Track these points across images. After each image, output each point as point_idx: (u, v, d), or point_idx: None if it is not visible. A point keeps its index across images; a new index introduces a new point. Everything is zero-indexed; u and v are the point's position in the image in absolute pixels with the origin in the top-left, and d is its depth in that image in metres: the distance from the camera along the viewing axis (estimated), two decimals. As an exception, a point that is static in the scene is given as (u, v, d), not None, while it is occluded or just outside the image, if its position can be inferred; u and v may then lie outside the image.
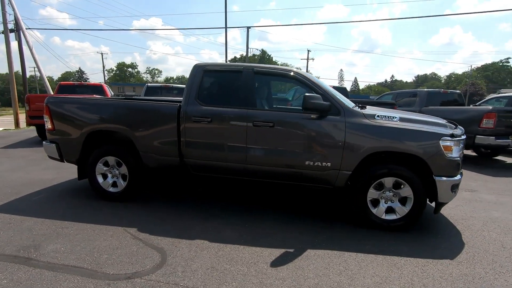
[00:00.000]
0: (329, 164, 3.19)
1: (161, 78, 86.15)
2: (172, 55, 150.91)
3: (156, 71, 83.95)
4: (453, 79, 75.67)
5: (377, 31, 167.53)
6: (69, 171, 5.20)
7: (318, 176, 3.26)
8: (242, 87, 3.42)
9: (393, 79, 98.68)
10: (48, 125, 3.87)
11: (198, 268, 2.40)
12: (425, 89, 8.54)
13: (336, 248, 2.79)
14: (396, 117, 3.19)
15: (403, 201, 3.17)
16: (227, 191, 4.37)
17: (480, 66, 76.47)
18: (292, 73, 3.43)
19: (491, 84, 66.41)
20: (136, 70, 76.76)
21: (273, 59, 73.75)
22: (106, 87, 10.09)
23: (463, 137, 3.23)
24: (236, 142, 3.37)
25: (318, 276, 2.35)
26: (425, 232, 3.22)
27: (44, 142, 4.03)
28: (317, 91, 3.27)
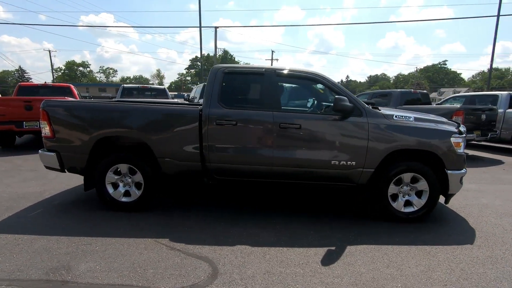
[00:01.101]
0: (353, 163, 3.33)
1: (116, 78, 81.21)
2: (127, 54, 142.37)
3: (111, 71, 78.88)
4: (401, 79, 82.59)
5: (332, 33, 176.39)
6: (55, 182, 4.73)
7: (343, 175, 3.39)
8: (265, 89, 3.42)
9: (348, 79, 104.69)
10: (46, 132, 3.49)
11: (254, 274, 2.37)
12: (398, 90, 9.26)
13: (372, 243, 2.94)
14: (411, 117, 3.44)
15: (418, 194, 3.44)
16: (239, 194, 4.33)
17: (422, 67, 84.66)
18: (314, 75, 3.52)
19: (432, 84, 73.93)
20: (88, 69, 71.30)
21: (235, 59, 73.71)
22: (74, 89, 9.27)
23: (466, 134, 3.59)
24: (262, 145, 3.36)
25: (370, 270, 2.46)
26: (437, 221, 3.52)
27: (40, 151, 3.62)
28: (338, 93, 3.40)
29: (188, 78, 77.73)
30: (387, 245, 2.90)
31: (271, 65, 46.42)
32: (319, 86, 4.20)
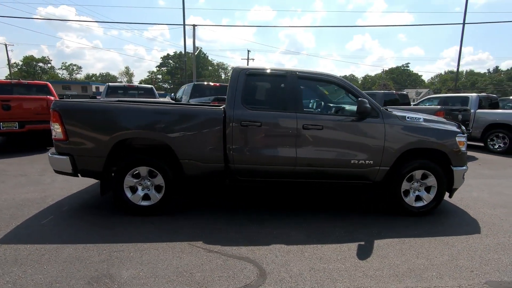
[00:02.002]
0: (371, 161, 3.52)
1: (81, 75, 76.56)
2: (90, 50, 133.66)
3: (75, 67, 74.21)
4: (369, 80, 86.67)
5: (302, 34, 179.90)
6: (54, 187, 4.45)
7: (361, 173, 3.57)
8: (288, 91, 3.50)
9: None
10: (58, 135, 3.29)
11: (301, 271, 2.44)
12: (382, 91, 9.81)
13: (394, 236, 3.14)
14: (421, 118, 3.70)
15: (427, 189, 3.71)
16: (253, 194, 4.37)
17: (387, 69, 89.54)
18: (334, 78, 3.66)
19: (397, 85, 78.46)
20: (49, 65, 66.40)
21: (209, 58, 72.76)
22: (51, 87, 8.68)
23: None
24: (286, 145, 3.44)
25: (403, 262, 2.64)
26: (442, 214, 3.82)
27: (50, 155, 3.40)
28: (357, 95, 3.57)
29: (159, 76, 75.36)
30: (408, 237, 3.12)
31: (247, 64, 46.77)
32: (322, 88, 4.39)
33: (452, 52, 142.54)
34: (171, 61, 73.41)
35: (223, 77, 77.30)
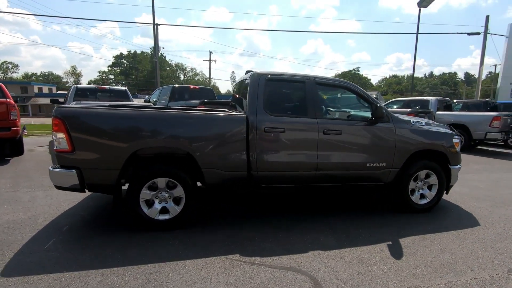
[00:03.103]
0: (384, 164, 3.70)
1: (17, 75, 68.49)
2: (26, 46, 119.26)
3: (10, 65, 66.14)
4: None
5: (259, 37, 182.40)
6: (39, 204, 3.93)
7: (375, 175, 3.73)
8: (308, 96, 3.52)
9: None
10: (62, 146, 2.90)
11: (350, 277, 2.47)
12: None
13: (413, 233, 3.34)
14: (423, 122, 4.00)
15: (429, 188, 4.01)
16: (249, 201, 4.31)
17: (340, 72, 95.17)
18: (350, 85, 3.78)
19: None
20: (-23, 62, 58.16)
21: (166, 58, 70.09)
22: (5, 88, 7.62)
23: (457, 135, 4.34)
24: (308, 151, 3.46)
25: (434, 258, 2.81)
26: (441, 209, 4.16)
27: (51, 169, 2.97)
28: (369, 101, 3.73)
29: (112, 76, 70.59)
30: (426, 234, 3.34)
31: (209, 65, 45.24)
32: (321, 93, 4.51)
33: (393, 58, 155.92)
34: (125, 61, 69.28)
35: (182, 78, 75.09)
